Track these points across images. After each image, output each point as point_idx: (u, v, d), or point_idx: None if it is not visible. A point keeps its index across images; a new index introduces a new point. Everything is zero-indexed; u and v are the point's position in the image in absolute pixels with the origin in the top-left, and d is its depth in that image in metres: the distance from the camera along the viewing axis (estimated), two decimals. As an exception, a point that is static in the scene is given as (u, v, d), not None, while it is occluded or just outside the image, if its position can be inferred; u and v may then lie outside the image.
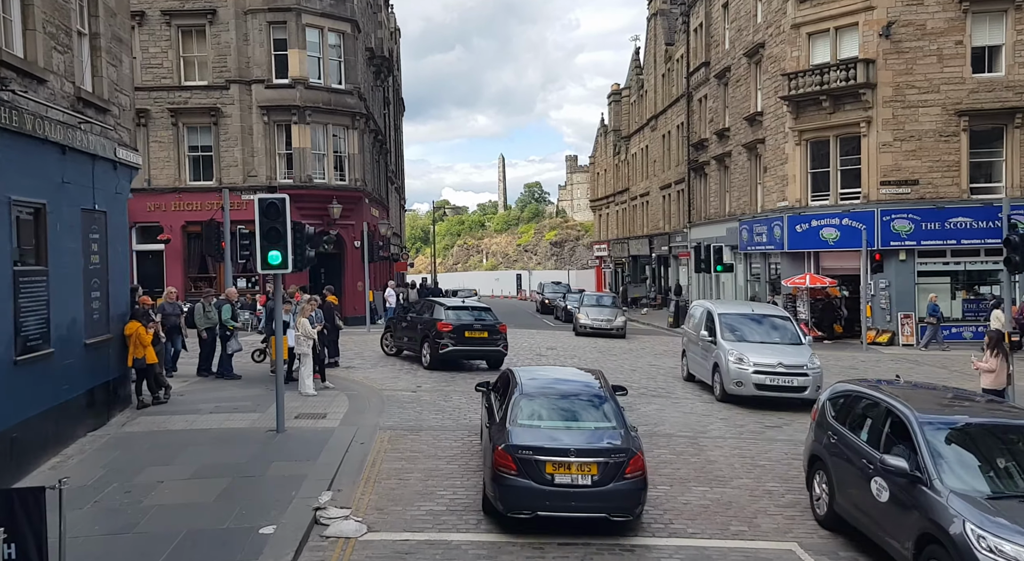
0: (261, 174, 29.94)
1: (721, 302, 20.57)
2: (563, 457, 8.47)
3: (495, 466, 8.58)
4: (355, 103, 31.40)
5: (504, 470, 8.48)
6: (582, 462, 8.44)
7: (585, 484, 8.41)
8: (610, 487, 8.42)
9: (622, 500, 8.50)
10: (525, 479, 8.39)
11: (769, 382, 15.25)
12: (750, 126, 33.18)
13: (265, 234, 11.96)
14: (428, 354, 18.80)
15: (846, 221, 27.54)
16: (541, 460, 8.44)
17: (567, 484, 8.40)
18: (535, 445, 8.60)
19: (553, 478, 8.39)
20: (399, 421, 13.24)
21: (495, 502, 8.68)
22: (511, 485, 8.44)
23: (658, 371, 19.75)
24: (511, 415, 9.21)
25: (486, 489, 8.96)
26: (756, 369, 15.32)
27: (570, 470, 8.42)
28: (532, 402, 9.46)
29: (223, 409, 13.65)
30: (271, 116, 29.81)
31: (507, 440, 8.71)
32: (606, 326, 29.12)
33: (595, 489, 8.41)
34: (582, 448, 8.62)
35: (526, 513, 8.46)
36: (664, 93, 48.48)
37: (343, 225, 31.20)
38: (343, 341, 22.52)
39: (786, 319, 17.73)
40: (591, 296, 33.43)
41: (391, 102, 47.93)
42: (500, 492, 8.54)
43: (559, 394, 9.79)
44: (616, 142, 63.99)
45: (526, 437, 8.76)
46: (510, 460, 8.47)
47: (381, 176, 41.64)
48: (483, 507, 9.13)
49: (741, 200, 34.66)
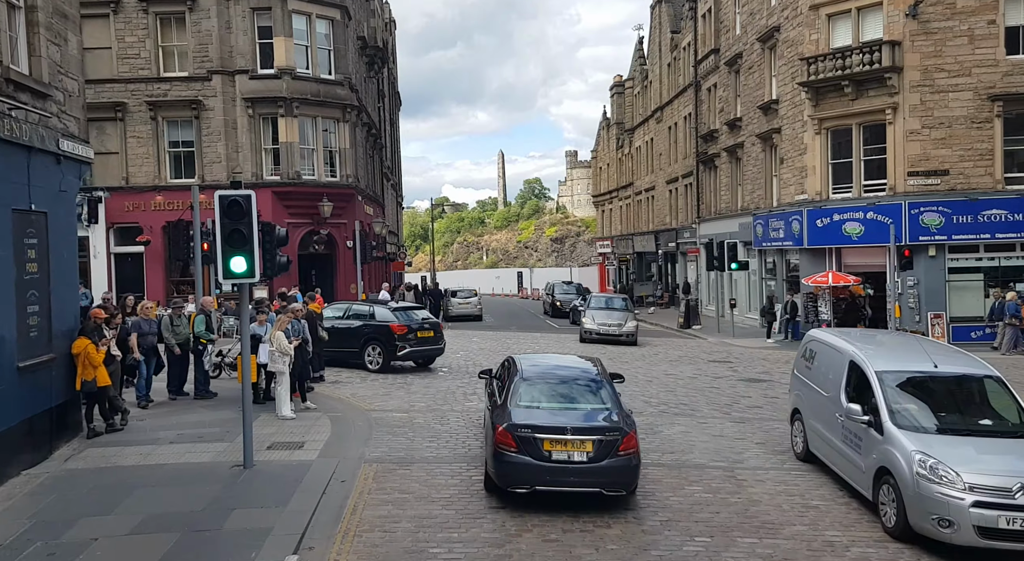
0: (246, 170, 28.14)
1: (876, 344, 11.09)
2: (560, 435, 8.97)
3: (496, 444, 9.09)
4: (346, 94, 29.60)
5: (504, 448, 8.98)
6: (578, 439, 8.96)
7: (581, 460, 8.92)
8: (605, 463, 8.91)
9: (616, 476, 8.99)
10: (524, 456, 8.89)
11: (1006, 525, 7.82)
12: (764, 115, 31.37)
13: (227, 237, 10.23)
14: (380, 359, 18.43)
15: (871, 215, 25.74)
16: (539, 438, 8.93)
17: (564, 460, 8.92)
18: (534, 424, 9.10)
19: (551, 455, 8.90)
20: (388, 451, 11.48)
21: (496, 479, 9.22)
22: (511, 461, 8.96)
23: (676, 382, 17.97)
24: (512, 398, 9.75)
25: (487, 467, 9.53)
26: (977, 497, 7.96)
27: (567, 447, 8.94)
28: (532, 386, 10.01)
29: (185, 438, 11.89)
30: (256, 109, 28.01)
31: (508, 420, 9.23)
32: (615, 332, 26.34)
33: (590, 465, 8.91)
34: (578, 427, 9.15)
35: (524, 488, 8.97)
36: (670, 83, 46.64)
37: (334, 224, 29.44)
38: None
39: (997, 382, 9.72)
40: (599, 298, 30.37)
41: (386, 95, 46.13)
42: (500, 469, 9.07)
43: (558, 379, 10.33)
44: (619, 135, 62.15)
45: (525, 417, 9.28)
46: (510, 438, 8.96)
47: (375, 172, 39.87)
48: (485, 486, 9.72)
49: (755, 194, 32.86)
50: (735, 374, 19.32)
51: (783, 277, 30.61)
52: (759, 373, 19.47)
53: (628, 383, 16.88)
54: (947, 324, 24.97)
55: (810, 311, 27.28)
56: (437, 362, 20.16)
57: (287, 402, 13.05)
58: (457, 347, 24.46)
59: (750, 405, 15.10)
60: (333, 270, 30.18)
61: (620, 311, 27.51)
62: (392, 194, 51.07)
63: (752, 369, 20.33)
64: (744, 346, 26.38)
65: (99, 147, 28.18)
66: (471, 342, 25.60)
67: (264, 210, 27.84)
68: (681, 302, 42.41)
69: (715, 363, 21.58)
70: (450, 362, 20.56)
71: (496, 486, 9.33)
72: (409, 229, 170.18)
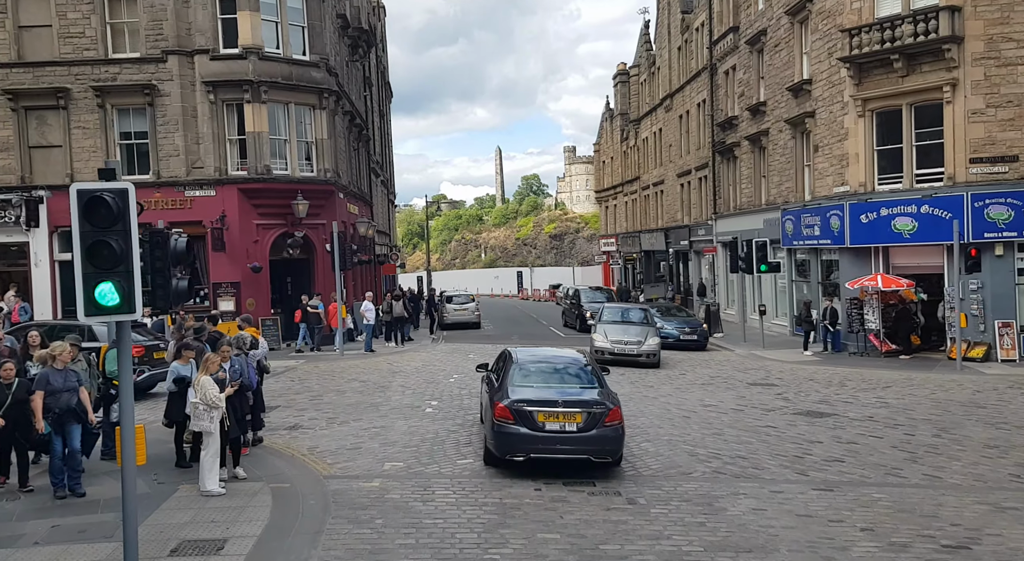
0: (208, 164, 24.67)
1: None
2: (552, 408, 10.15)
3: (495, 418, 10.26)
4: (322, 78, 26.10)
5: (503, 421, 10.17)
6: (568, 412, 10.13)
7: (571, 430, 10.08)
8: (593, 433, 10.07)
9: (603, 444, 10.14)
10: (521, 427, 10.07)
11: None
12: (794, 98, 27.91)
13: (89, 252, 6.77)
14: None
15: (926, 209, 22.32)
16: (534, 411, 10.10)
17: (556, 431, 10.09)
18: (529, 398, 10.31)
19: (544, 425, 10.07)
20: (345, 555, 8.01)
21: (495, 449, 10.35)
22: (508, 432, 10.13)
23: (720, 418, 14.53)
24: (509, 380, 10.96)
25: (487, 441, 10.66)
26: None
27: (558, 419, 10.10)
28: (527, 371, 11.29)
29: (61, 533, 8.44)
30: (219, 94, 24.52)
31: (506, 397, 10.42)
32: (633, 351, 21.39)
33: (580, 434, 10.08)
34: (569, 400, 10.33)
35: (521, 456, 10.13)
36: (681, 68, 43.15)
37: (312, 225, 25.96)
38: (288, 386, 17.54)
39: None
40: (613, 309, 24.85)
41: (374, 84, 42.61)
42: (499, 440, 10.22)
43: (550, 365, 11.66)
44: (624, 127, 58.66)
45: (522, 394, 10.47)
46: (508, 412, 10.16)
47: (361, 167, 36.37)
48: (485, 460, 10.82)
49: (783, 186, 29.41)
50: (787, 404, 15.89)
51: (818, 280, 27.20)
52: (816, 402, 16.04)
53: (662, 422, 13.55)
54: (1017, 334, 21.58)
55: (854, 319, 23.86)
56: (426, 393, 16.77)
57: (214, 473, 9.59)
58: (451, 367, 21.04)
59: (826, 457, 11.66)
60: (311, 277, 26.70)
61: (639, 325, 22.84)
62: (382, 191, 47.58)
63: (804, 395, 16.90)
64: (780, 360, 22.95)
65: (39, 140, 24.75)
66: (467, 360, 22.15)
67: (230, 210, 24.44)
68: (698, 305, 39.06)
69: (757, 387, 18.16)
70: (442, 391, 17.14)
71: (495, 459, 10.47)
72: (406, 228, 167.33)
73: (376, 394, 16.55)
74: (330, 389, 17.18)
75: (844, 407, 15.44)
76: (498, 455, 10.31)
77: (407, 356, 23.81)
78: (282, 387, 17.44)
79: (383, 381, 18.48)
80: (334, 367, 20.96)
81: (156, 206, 24.29)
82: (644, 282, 52.00)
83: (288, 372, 20.04)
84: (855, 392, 17.22)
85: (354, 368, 20.82)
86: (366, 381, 18.41)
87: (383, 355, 23.79)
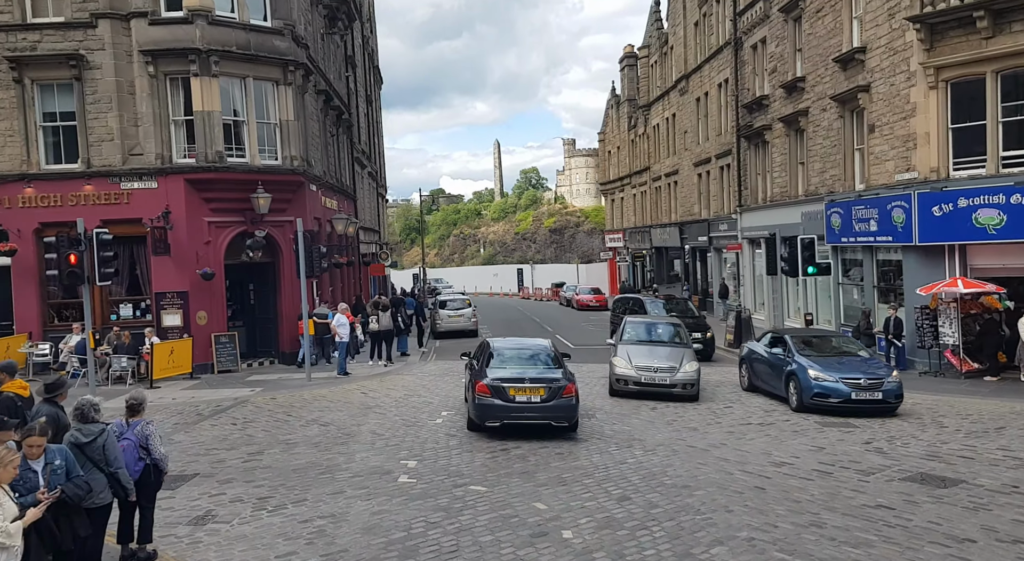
0: (149, 151, 20.60)
1: None
2: (520, 384, 12.99)
3: (476, 393, 13.06)
4: (288, 48, 22.00)
5: (482, 395, 12.94)
6: (534, 386, 12.98)
7: (536, 401, 12.87)
8: (552, 403, 12.87)
9: (562, 412, 12.92)
10: (496, 399, 12.86)
11: None
12: (843, 70, 23.85)
13: None
14: None
15: (1016, 198, 18.30)
16: (507, 386, 12.91)
17: (524, 402, 12.87)
18: (503, 377, 13.14)
19: (514, 398, 12.85)
20: None
21: (475, 418, 13.19)
22: (486, 404, 12.90)
23: (808, 490, 10.45)
24: (487, 364, 13.79)
25: (469, 412, 13.60)
26: None
27: (526, 392, 12.90)
28: (501, 357, 14.11)
29: None
30: (160, 66, 20.44)
31: (485, 377, 13.21)
32: (664, 380, 16.80)
33: (543, 404, 12.87)
34: (534, 377, 13.27)
35: (496, 422, 12.92)
36: (699, 46, 39.02)
37: (277, 222, 21.91)
38: (223, 434, 13.59)
39: None
40: (636, 324, 19.62)
41: (357, 65, 38.45)
42: (479, 410, 12.99)
43: (522, 354, 14.39)
44: (632, 113, 54.53)
45: (497, 374, 13.28)
46: (486, 388, 12.94)
47: (342, 156, 32.27)
48: (468, 426, 13.69)
49: (828, 174, 25.34)
50: (886, 460, 11.85)
51: (872, 283, 23.16)
52: (923, 457, 11.98)
53: (729, 500, 9.61)
54: None
55: (926, 332, 19.85)
56: (403, 444, 12.75)
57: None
58: (439, 400, 17.00)
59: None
60: (276, 284, 22.63)
61: (671, 346, 18.23)
62: (370, 184, 43.48)
63: (901, 444, 12.87)
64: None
65: (-56, 122, 20.65)
66: (459, 385, 18.08)
67: (176, 205, 20.37)
68: (723, 310, 35.04)
69: (832, 430, 14.13)
70: (424, 440, 13.11)
71: (476, 425, 13.30)
72: (404, 222, 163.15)
73: (336, 448, 12.50)
74: (278, 440, 13.09)
75: (966, 466, 11.42)
76: (478, 423, 13.10)
77: (388, 381, 19.75)
78: (214, 437, 13.38)
79: (350, 424, 14.43)
80: (294, 400, 16.90)
81: (86, 202, 20.26)
82: (656, 281, 47.98)
83: (235, 408, 16.00)
84: (966, 437, 13.19)
85: (319, 401, 16.78)
86: (328, 424, 14.36)
87: (359, 381, 19.72)
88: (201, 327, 20.70)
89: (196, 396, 17.52)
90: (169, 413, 15.55)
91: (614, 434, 13.66)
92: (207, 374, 20.53)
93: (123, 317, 20.76)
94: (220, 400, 16.89)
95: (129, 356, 19.01)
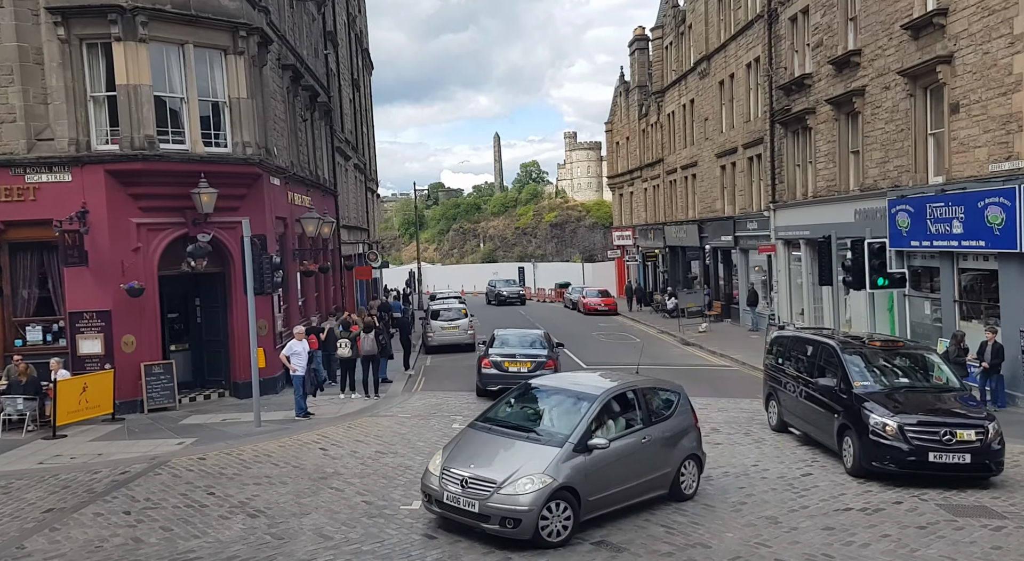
0: (61, 135, 16.47)
1: None
2: (513, 359, 18.62)
3: (480, 367, 18.82)
4: (239, 8, 17.85)
5: (486, 368, 18.55)
6: (523, 361, 18.51)
7: (524, 372, 17.60)
8: (537, 374, 16.14)
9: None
10: (496, 370, 18.40)
11: None
12: (914, 39, 19.74)
13: None
14: None
15: None
16: (503, 361, 18.55)
17: (516, 372, 17.88)
18: (501, 353, 18.95)
19: (508, 369, 18.22)
20: None
21: (481, 386, 18.63)
22: (489, 374, 18.47)
23: None
24: (490, 346, 19.69)
25: (477, 383, 18.98)
26: None
27: (517, 365, 18.34)
28: (502, 341, 20.07)
29: None
30: (73, 28, 16.31)
31: (488, 355, 18.87)
32: None
33: (529, 374, 16.78)
34: (523, 354, 18.93)
35: (495, 387, 17.67)
36: (723, 22, 34.82)
37: (227, 223, 17.78)
38: (95, 537, 9.26)
39: None
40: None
41: (340, 44, 34.27)
42: (484, 379, 18.52)
43: (520, 340, 20.29)
44: (643, 101, 50.35)
45: (497, 353, 19.00)
46: (489, 363, 18.57)
47: (318, 145, 28.10)
48: (476, 393, 18.85)
49: (891, 164, 21.24)
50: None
51: (952, 297, 19.07)
52: None
53: None
54: None
55: (1033, 363, 15.78)
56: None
57: None
58: (420, 461, 12.84)
59: None
60: (227, 299, 18.53)
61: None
62: (357, 178, 39.34)
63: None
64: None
65: None
66: (450, 431, 14.01)
67: (96, 202, 16.18)
68: (753, 319, 31.05)
69: (972, 523, 10.07)
70: (386, 557, 9.03)
71: (481, 391, 18.56)
72: (403, 217, 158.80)
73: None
74: (174, 553, 8.97)
75: None
76: (482, 388, 18.55)
77: (358, 427, 15.59)
78: (83, 544, 9.24)
79: (291, 511, 10.31)
80: (230, 461, 12.80)
81: (-9, 196, 16.15)
82: (671, 284, 43.88)
83: (144, 477, 11.90)
84: None
85: (261, 463, 12.67)
86: (259, 513, 10.22)
87: (321, 426, 15.57)
88: (128, 355, 16.61)
89: (105, 452, 13.46)
90: (53, 487, 11.47)
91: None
92: (134, 414, 16.47)
93: (31, 342, 16.67)
94: (132, 460, 12.82)
95: (27, 396, 14.92)
